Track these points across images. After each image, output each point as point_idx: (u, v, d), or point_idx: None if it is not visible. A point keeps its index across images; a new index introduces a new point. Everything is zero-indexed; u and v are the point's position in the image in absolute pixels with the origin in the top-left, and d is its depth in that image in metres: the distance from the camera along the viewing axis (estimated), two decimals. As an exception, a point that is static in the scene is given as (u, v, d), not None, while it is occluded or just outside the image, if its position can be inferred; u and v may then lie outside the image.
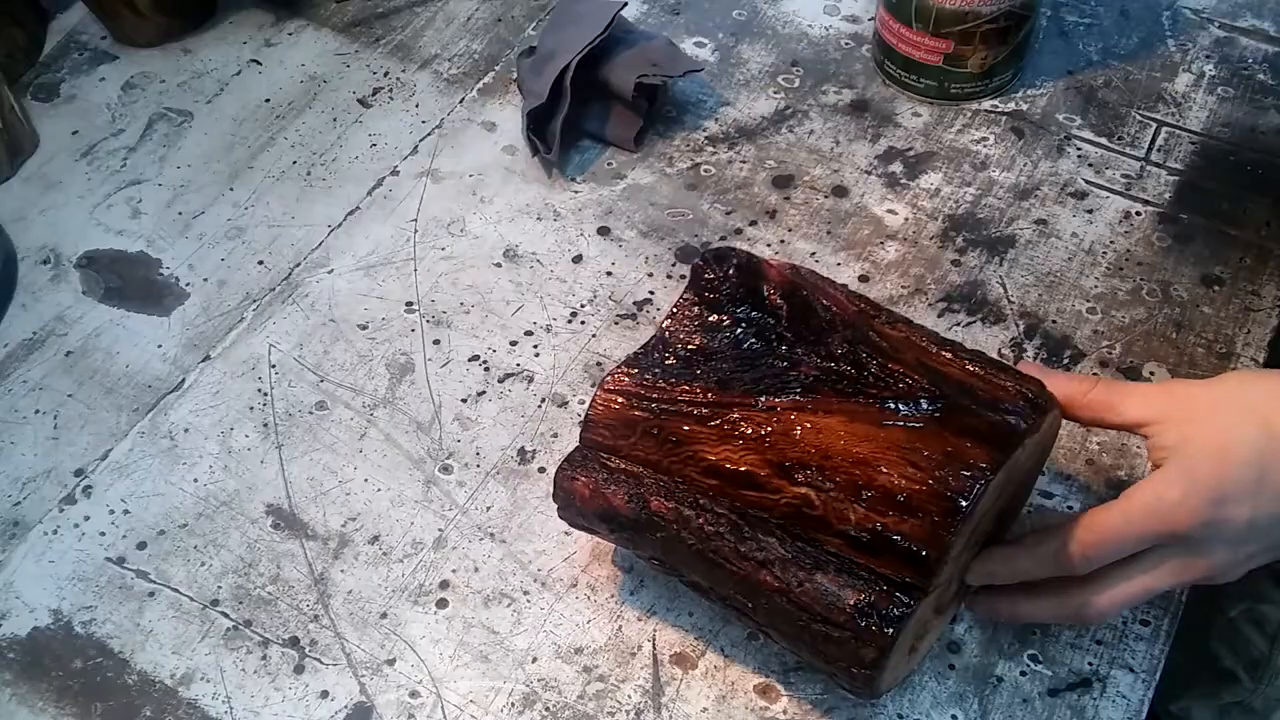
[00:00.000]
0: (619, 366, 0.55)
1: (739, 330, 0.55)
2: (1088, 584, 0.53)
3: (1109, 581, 0.52)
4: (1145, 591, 0.53)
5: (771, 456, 0.51)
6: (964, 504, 0.48)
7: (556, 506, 0.57)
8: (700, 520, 0.52)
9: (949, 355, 0.53)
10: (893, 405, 0.51)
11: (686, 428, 0.53)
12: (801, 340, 0.54)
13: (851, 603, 0.49)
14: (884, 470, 0.49)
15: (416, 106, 0.84)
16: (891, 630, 0.49)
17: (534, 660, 0.59)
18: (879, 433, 0.50)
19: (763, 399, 0.52)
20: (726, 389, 0.53)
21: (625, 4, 0.80)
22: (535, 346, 0.71)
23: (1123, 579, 0.52)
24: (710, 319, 0.55)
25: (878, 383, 0.52)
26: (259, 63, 0.88)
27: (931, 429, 0.50)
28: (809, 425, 0.51)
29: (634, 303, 0.73)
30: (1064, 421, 0.55)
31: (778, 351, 0.54)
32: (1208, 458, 0.50)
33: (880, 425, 0.50)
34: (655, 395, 0.54)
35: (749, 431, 0.51)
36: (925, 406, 0.51)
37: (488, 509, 0.65)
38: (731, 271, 0.56)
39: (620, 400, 0.54)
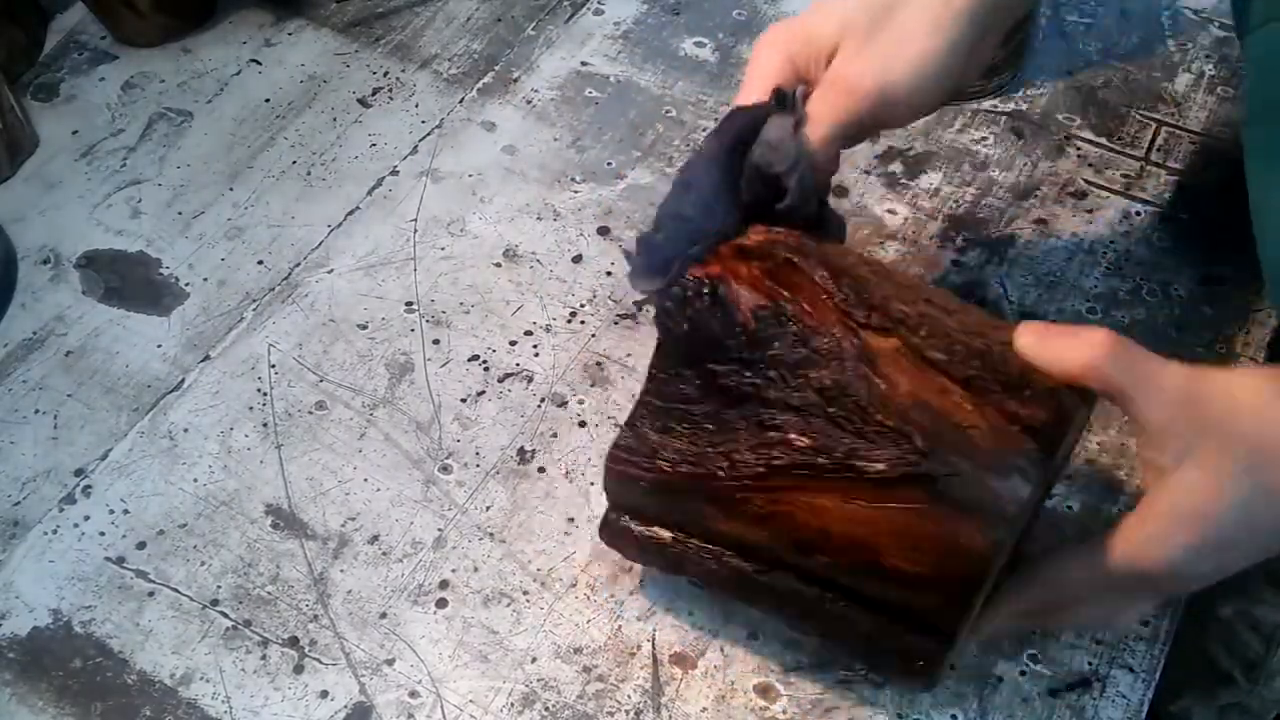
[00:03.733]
0: (618, 438, 0.53)
1: (715, 383, 0.51)
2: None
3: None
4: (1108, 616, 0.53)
5: (781, 539, 0.51)
6: (970, 590, 0.48)
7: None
8: (738, 564, 0.54)
9: (946, 381, 0.48)
10: (883, 484, 0.48)
11: (691, 505, 0.53)
12: (782, 382, 0.50)
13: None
14: (886, 557, 0.48)
15: (416, 106, 0.84)
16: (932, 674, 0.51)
17: (533, 660, 0.59)
18: (874, 515, 0.48)
19: (750, 480, 0.51)
20: (711, 463, 0.51)
21: None
22: (535, 346, 0.71)
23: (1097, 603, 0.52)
24: (685, 374, 0.52)
25: (864, 450, 0.48)
26: (259, 62, 0.88)
27: (927, 509, 0.47)
28: (804, 505, 0.50)
29: (634, 302, 0.73)
30: None
31: (758, 415, 0.50)
32: (1195, 513, 0.46)
33: (874, 506, 0.48)
34: (652, 469, 0.52)
35: (750, 511, 0.51)
36: (917, 484, 0.48)
37: (487, 509, 0.65)
38: (698, 311, 0.51)
39: (624, 471, 0.53)
